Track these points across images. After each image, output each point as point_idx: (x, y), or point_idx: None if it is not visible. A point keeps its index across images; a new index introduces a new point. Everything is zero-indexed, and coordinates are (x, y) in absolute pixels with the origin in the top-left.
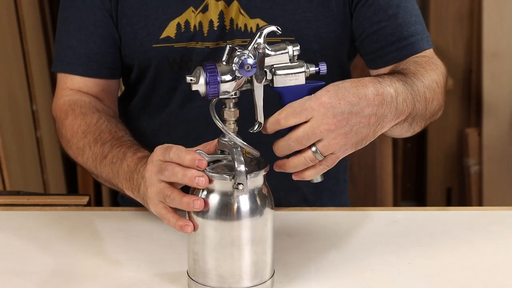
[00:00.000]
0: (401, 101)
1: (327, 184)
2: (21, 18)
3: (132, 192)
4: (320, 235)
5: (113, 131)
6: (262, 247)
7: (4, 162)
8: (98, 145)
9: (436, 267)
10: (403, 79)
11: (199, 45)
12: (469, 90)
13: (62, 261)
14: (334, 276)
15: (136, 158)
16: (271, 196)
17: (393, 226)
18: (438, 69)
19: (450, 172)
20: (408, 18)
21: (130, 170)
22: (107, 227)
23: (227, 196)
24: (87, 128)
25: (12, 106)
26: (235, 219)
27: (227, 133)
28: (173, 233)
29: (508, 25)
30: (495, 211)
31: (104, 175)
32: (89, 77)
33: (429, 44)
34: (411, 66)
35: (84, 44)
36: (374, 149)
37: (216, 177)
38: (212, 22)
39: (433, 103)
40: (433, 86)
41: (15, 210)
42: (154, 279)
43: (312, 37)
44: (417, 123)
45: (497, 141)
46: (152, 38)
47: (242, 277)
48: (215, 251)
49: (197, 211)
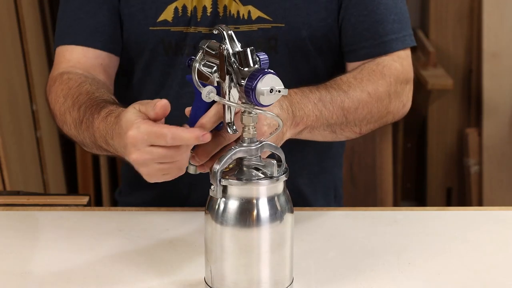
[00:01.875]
0: (297, 110)
1: (322, 179)
2: (21, 18)
3: (117, 152)
4: (320, 235)
5: (91, 92)
6: (282, 253)
7: (4, 162)
8: (75, 109)
9: (436, 267)
10: (317, 91)
11: (192, 29)
12: (469, 90)
13: (62, 261)
14: (334, 276)
15: (100, 120)
16: (291, 200)
17: (393, 226)
18: (384, 79)
19: (450, 172)
20: (387, 15)
21: (101, 135)
22: (107, 227)
23: (246, 202)
24: (68, 91)
25: (12, 106)
26: (254, 226)
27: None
28: (173, 233)
29: (508, 25)
30: (495, 211)
31: (88, 141)
32: (95, 48)
33: (404, 43)
34: (350, 77)
35: (93, 16)
36: (374, 149)
37: (235, 183)
38: (205, 8)
39: (357, 111)
40: (361, 96)
41: (15, 210)
42: (154, 279)
43: (302, 24)
44: (343, 129)
45: (497, 141)
46: (149, 21)
47: (262, 284)
48: (234, 259)
49: (216, 218)
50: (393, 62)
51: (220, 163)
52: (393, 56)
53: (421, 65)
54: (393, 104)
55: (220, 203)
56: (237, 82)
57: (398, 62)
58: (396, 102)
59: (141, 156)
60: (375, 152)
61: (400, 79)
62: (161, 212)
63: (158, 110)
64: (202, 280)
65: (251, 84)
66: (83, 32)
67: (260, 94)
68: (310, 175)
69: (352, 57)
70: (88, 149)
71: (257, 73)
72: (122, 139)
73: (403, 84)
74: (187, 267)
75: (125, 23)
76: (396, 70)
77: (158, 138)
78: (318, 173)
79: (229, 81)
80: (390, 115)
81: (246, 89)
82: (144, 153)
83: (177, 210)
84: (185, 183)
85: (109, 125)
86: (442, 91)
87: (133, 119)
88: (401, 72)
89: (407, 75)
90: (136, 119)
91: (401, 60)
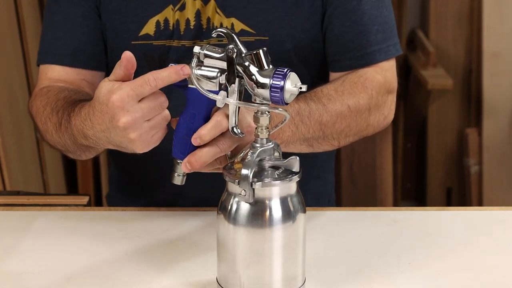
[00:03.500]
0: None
1: (313, 185)
2: (21, 18)
3: (98, 144)
4: (320, 235)
5: (68, 96)
6: (294, 253)
7: (4, 162)
8: (54, 115)
9: (436, 267)
10: (296, 103)
11: (175, 43)
12: (469, 90)
13: (62, 261)
14: (334, 276)
15: (75, 116)
16: (303, 201)
17: (393, 226)
18: (366, 92)
19: (450, 172)
20: (371, 26)
21: (79, 130)
22: (107, 227)
23: (258, 203)
24: (47, 100)
25: (12, 106)
26: (267, 226)
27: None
28: (173, 233)
29: (508, 25)
30: (495, 211)
31: (69, 142)
32: (75, 67)
33: (388, 54)
34: (331, 89)
35: (71, 35)
36: (374, 149)
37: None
38: (188, 21)
39: (335, 125)
40: (340, 110)
41: (15, 210)
42: (154, 279)
43: (286, 36)
44: (320, 143)
45: (497, 141)
46: (131, 35)
47: (274, 284)
48: (246, 259)
49: (229, 219)
50: (375, 74)
51: (248, 168)
52: (376, 68)
53: (421, 65)
54: (373, 117)
55: (233, 203)
56: (256, 82)
57: (381, 74)
58: (376, 115)
59: (132, 116)
60: (375, 152)
61: (382, 91)
62: (161, 212)
63: (125, 63)
64: (202, 280)
65: (279, 83)
66: (63, 52)
67: (289, 92)
68: (299, 183)
69: (335, 67)
70: (72, 154)
71: (281, 71)
72: (105, 113)
73: (384, 96)
74: (187, 267)
75: (108, 37)
76: (378, 82)
77: (142, 86)
78: (307, 181)
79: (238, 83)
80: (370, 128)
81: (273, 88)
82: (133, 112)
83: (177, 210)
84: (169, 193)
85: (84, 116)
86: (442, 91)
87: (110, 87)
88: (382, 84)
89: (390, 86)
90: (113, 85)
91: (384, 72)
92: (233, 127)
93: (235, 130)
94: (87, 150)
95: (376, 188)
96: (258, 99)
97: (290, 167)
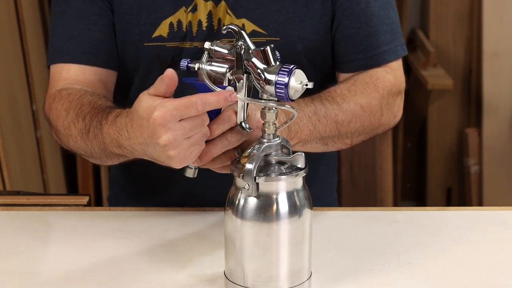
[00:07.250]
0: (292, 124)
1: (314, 184)
2: (21, 18)
3: (133, 154)
4: (320, 235)
5: (93, 101)
6: (300, 247)
7: (4, 162)
8: (80, 120)
9: (436, 267)
10: (312, 104)
11: (188, 44)
12: (469, 90)
13: (62, 261)
14: (334, 276)
15: (109, 125)
16: (310, 196)
17: (393, 226)
18: (377, 92)
19: (450, 172)
20: (380, 27)
21: (112, 139)
22: (107, 227)
23: (265, 197)
24: (69, 104)
25: (12, 106)
26: (274, 220)
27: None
28: (173, 233)
29: (508, 25)
30: (495, 211)
31: (97, 150)
32: (93, 65)
33: (397, 54)
34: (344, 89)
35: (87, 33)
36: (374, 149)
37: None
38: (201, 22)
39: (350, 124)
40: (354, 110)
41: (15, 210)
42: (154, 279)
43: (297, 38)
44: (334, 142)
45: (497, 141)
46: (144, 37)
47: (280, 278)
48: (254, 253)
49: (236, 213)
50: (386, 74)
51: (252, 162)
52: (386, 68)
53: (421, 65)
54: (384, 117)
55: (240, 198)
56: (265, 79)
57: (391, 73)
58: (388, 114)
59: (173, 134)
60: (375, 153)
61: (393, 91)
62: (161, 212)
63: (168, 81)
64: (202, 280)
65: (283, 79)
66: (78, 50)
67: (293, 88)
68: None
69: (344, 68)
70: (96, 159)
71: (286, 68)
72: (145, 128)
73: (395, 96)
74: (187, 267)
75: (120, 38)
76: (389, 82)
77: (188, 109)
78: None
79: (246, 79)
80: (381, 127)
81: (278, 84)
82: (175, 130)
83: (177, 210)
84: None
85: (120, 126)
86: (442, 91)
87: (152, 102)
88: (393, 84)
89: (400, 86)
90: (155, 101)
91: (394, 72)
92: (241, 122)
93: (243, 125)
94: (116, 157)
95: (376, 188)
96: (265, 95)
97: (295, 162)
